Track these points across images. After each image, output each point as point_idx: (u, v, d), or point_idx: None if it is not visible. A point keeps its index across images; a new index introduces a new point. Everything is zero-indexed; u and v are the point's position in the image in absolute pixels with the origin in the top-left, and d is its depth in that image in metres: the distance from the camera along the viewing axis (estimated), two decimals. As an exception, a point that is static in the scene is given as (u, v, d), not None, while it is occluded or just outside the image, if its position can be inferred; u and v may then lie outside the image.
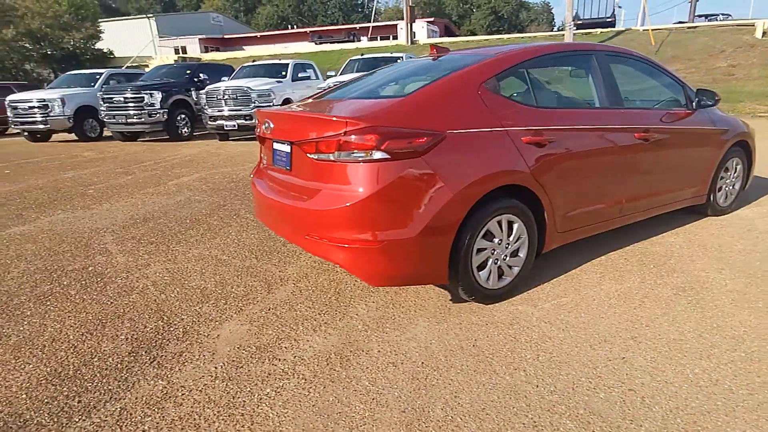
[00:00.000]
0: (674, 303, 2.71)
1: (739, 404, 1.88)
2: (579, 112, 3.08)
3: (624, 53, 3.53)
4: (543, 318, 2.60)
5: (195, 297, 2.98)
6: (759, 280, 2.95)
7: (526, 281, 3.01)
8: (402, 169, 2.30)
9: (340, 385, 2.09)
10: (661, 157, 3.43)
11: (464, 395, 2.00)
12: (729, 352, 2.23)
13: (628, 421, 1.81)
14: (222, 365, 2.26)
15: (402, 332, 2.51)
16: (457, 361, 2.24)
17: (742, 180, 4.27)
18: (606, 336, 2.40)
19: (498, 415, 1.87)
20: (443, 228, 2.41)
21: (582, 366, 2.16)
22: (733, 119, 4.09)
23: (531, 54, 2.90)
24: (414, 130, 2.34)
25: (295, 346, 2.41)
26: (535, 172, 2.69)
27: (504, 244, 2.71)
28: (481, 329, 2.50)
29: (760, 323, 2.46)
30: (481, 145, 2.51)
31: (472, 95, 2.57)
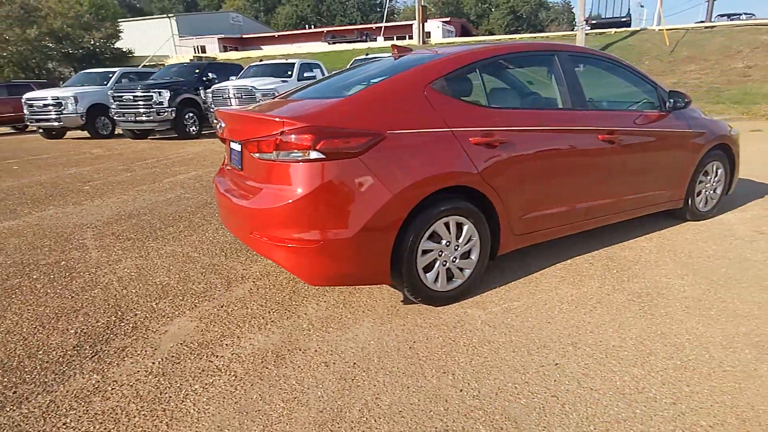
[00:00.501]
0: (625, 309, 2.65)
1: (659, 413, 1.83)
2: (536, 113, 3.04)
3: (592, 54, 3.48)
4: (488, 321, 2.57)
5: (154, 293, 3.02)
6: (719, 287, 2.87)
7: (484, 283, 2.99)
8: (338, 169, 2.30)
9: (267, 384, 2.10)
10: (629, 159, 3.37)
11: (386, 397, 1.99)
12: (665, 359, 2.18)
13: (541, 427, 1.79)
14: (160, 361, 2.29)
15: (344, 332, 2.51)
16: (390, 362, 2.23)
17: (724, 184, 4.15)
18: (547, 341, 2.36)
19: (413, 419, 1.86)
20: (382, 229, 2.40)
21: (513, 371, 2.14)
22: (712, 122, 3.98)
23: (484, 54, 2.87)
24: (351, 130, 2.33)
25: (236, 343, 2.43)
26: (484, 174, 2.66)
27: (453, 246, 2.69)
28: (423, 331, 2.49)
29: (706, 331, 2.40)
30: (424, 145, 2.50)
31: (416, 96, 2.56)
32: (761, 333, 2.37)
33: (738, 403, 1.88)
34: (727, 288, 2.86)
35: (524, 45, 3.15)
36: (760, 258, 3.29)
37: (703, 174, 3.96)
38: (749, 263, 3.21)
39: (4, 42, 20.38)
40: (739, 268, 3.14)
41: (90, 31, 22.81)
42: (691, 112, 3.85)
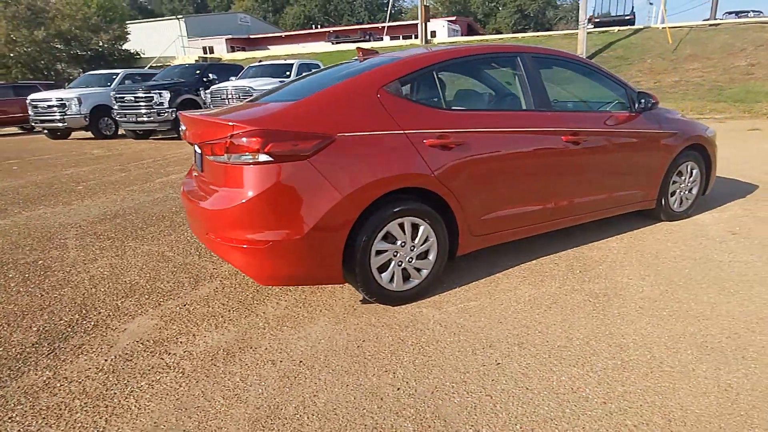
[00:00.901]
0: (580, 309, 2.66)
1: (587, 413, 1.85)
2: (494, 114, 3.05)
3: (558, 56, 3.47)
4: (441, 321, 2.59)
5: (122, 292, 3.08)
6: (678, 288, 2.87)
7: (445, 283, 3.01)
8: (287, 172, 2.34)
9: (212, 381, 2.14)
10: (596, 160, 3.36)
11: (324, 395, 2.02)
12: (606, 359, 2.19)
13: (468, 426, 1.81)
14: (113, 358, 2.34)
15: (297, 331, 2.54)
16: (335, 361, 2.26)
17: (699, 185, 4.12)
18: (494, 341, 2.38)
19: (345, 416, 1.89)
20: (332, 230, 2.43)
21: (453, 371, 2.16)
22: (686, 123, 3.96)
23: (441, 57, 2.88)
24: (300, 132, 2.37)
25: (190, 341, 2.48)
26: (440, 176, 2.68)
27: (408, 247, 2.71)
28: (375, 330, 2.52)
29: (653, 332, 2.40)
30: (376, 147, 2.52)
31: (369, 98, 2.58)
32: (708, 334, 2.36)
33: (668, 403, 1.89)
34: (685, 289, 2.86)
35: (485, 47, 3.16)
36: (726, 259, 3.27)
37: (677, 174, 3.94)
38: (714, 264, 3.20)
39: (12, 43, 20.71)
40: (703, 268, 3.13)
41: (98, 33, 23.10)
42: (665, 112, 3.84)
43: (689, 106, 13.05)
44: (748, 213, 4.24)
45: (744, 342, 2.28)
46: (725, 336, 2.34)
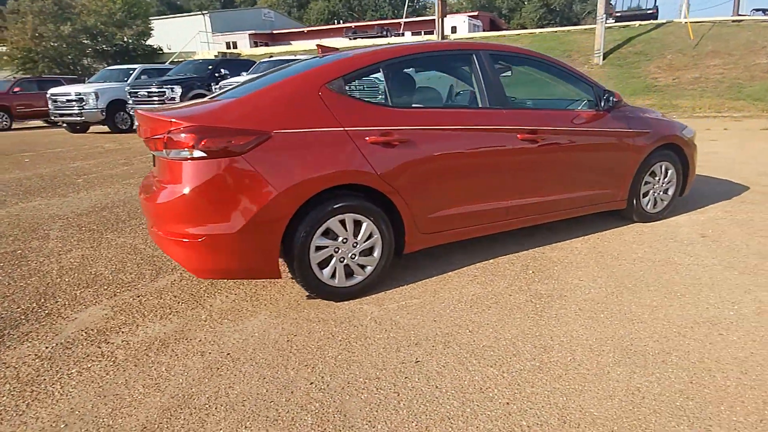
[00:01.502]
0: (518, 310, 2.64)
1: (487, 413, 1.85)
2: (444, 112, 3.04)
3: (519, 53, 3.43)
4: (377, 318, 2.61)
5: (84, 282, 3.19)
6: (625, 290, 2.82)
7: (395, 280, 3.04)
8: (221, 167, 2.38)
9: (138, 370, 2.21)
10: (557, 159, 3.32)
11: (239, 387, 2.07)
12: (526, 360, 2.18)
13: (366, 422, 1.83)
14: (54, 346, 2.44)
15: (236, 324, 2.60)
16: (262, 354, 2.31)
17: (676, 186, 4.02)
18: (421, 339, 2.39)
19: (252, 407, 1.93)
20: (268, 225, 2.47)
21: (371, 367, 2.18)
22: (660, 121, 3.87)
23: (389, 55, 2.89)
24: (235, 129, 2.41)
25: (132, 331, 2.56)
26: (383, 173, 2.69)
27: (351, 243, 2.74)
28: (310, 325, 2.56)
29: (583, 334, 2.37)
30: (314, 145, 2.55)
31: (310, 96, 2.61)
32: (637, 337, 2.33)
33: (570, 405, 1.87)
34: (632, 291, 2.81)
35: (437, 44, 3.15)
36: (686, 262, 3.19)
37: (649, 175, 3.85)
38: (672, 267, 3.13)
39: (38, 38, 21.39)
40: (659, 271, 3.07)
41: (122, 29, 23.69)
42: (636, 111, 3.76)
43: (707, 104, 12.66)
44: (727, 215, 4.12)
45: (670, 346, 2.24)
46: (653, 340, 2.30)
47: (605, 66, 16.11)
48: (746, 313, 2.51)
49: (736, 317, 2.48)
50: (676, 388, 1.95)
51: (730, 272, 3.01)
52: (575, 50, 17.41)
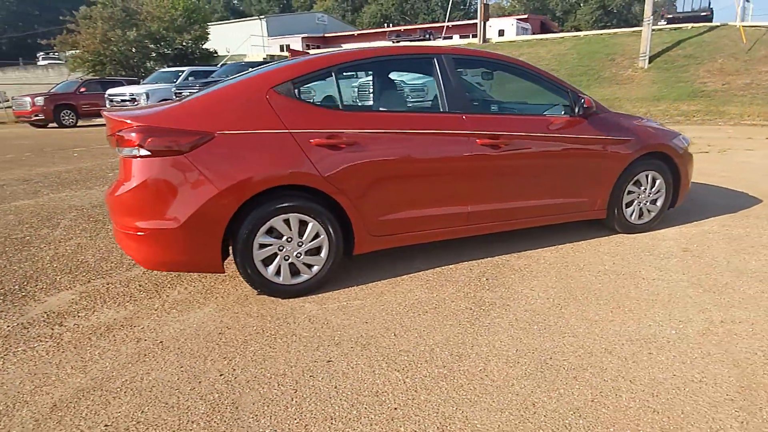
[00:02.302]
0: (454, 317, 2.59)
1: (371, 416, 1.83)
2: (395, 116, 3.01)
3: (485, 58, 3.34)
4: (313, 316, 2.63)
5: (68, 268, 3.40)
6: (574, 303, 2.69)
7: (347, 280, 3.05)
8: (165, 165, 2.48)
9: (75, 352, 2.34)
10: (523, 165, 3.22)
11: (155, 373, 2.15)
12: (435, 368, 2.13)
13: (252, 416, 1.86)
14: (15, 325, 2.62)
15: (182, 314, 2.70)
16: (190, 345, 2.38)
17: (665, 197, 3.78)
18: (344, 340, 2.39)
19: (156, 393, 2.00)
20: (209, 221, 2.55)
21: (284, 364, 2.20)
22: (645, 129, 3.65)
23: (342, 59, 2.90)
24: (179, 129, 2.50)
25: (87, 316, 2.71)
26: (328, 175, 2.71)
27: (296, 243, 2.77)
28: (246, 320, 2.61)
29: (506, 344, 2.29)
30: (258, 146, 2.60)
31: (257, 98, 2.67)
32: (560, 351, 2.22)
33: (457, 415, 1.82)
34: (580, 304, 2.68)
35: (396, 49, 3.12)
36: (653, 276, 3.01)
37: (633, 184, 3.65)
38: (635, 280, 2.95)
39: (107, 41, 22.82)
40: (618, 285, 2.91)
41: (182, 34, 24.89)
42: (619, 118, 3.57)
43: (756, 111, 11.77)
44: (723, 229, 3.83)
45: (590, 362, 2.12)
46: (576, 355, 2.18)
47: (650, 69, 15.30)
48: (689, 333, 2.34)
49: (676, 336, 2.31)
50: (573, 405, 1.85)
51: (694, 289, 2.80)
52: (620, 53, 16.64)
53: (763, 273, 2.99)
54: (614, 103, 13.08)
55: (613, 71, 15.74)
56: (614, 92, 14.02)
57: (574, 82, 15.71)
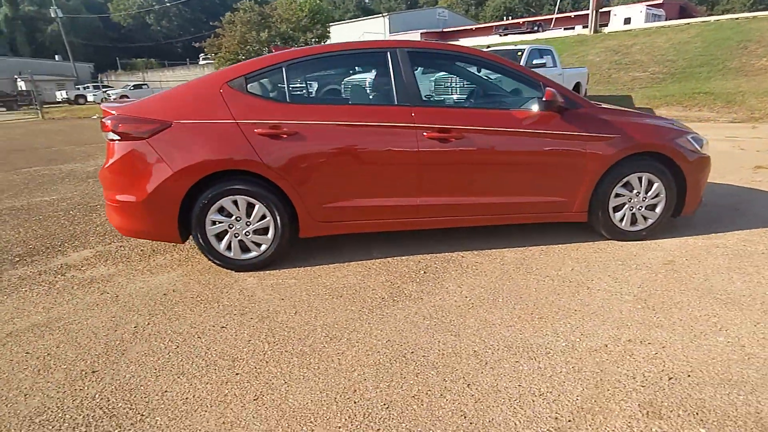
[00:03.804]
0: (361, 303, 2.62)
1: (216, 376, 1.99)
2: (339, 108, 3.05)
3: (442, 51, 3.21)
4: (245, 289, 2.84)
5: (104, 232, 4.02)
6: (488, 305, 2.55)
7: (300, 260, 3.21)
8: (130, 148, 2.86)
9: (51, 296, 2.83)
10: (480, 160, 3.07)
11: (89, 321, 2.53)
12: (302, 346, 2.21)
13: (128, 361, 2.13)
14: (35, 272, 3.23)
15: (151, 276, 3.09)
16: (134, 301, 2.75)
17: (666, 202, 3.30)
18: (251, 312, 2.57)
19: (75, 336, 2.38)
20: (165, 198, 2.88)
21: (187, 326, 2.45)
22: (638, 126, 3.19)
23: (293, 55, 3.01)
24: (143, 118, 2.86)
25: (85, 270, 3.24)
26: (270, 162, 2.88)
27: (244, 222, 3.00)
28: (196, 287, 2.90)
29: (382, 334, 2.28)
30: (207, 134, 2.87)
31: (212, 92, 2.92)
32: (427, 348, 2.16)
33: (280, 389, 1.90)
34: (493, 306, 2.53)
35: (351, 44, 3.13)
36: (601, 287, 2.70)
37: (622, 186, 3.25)
38: (576, 290, 2.68)
39: (244, 42, 25.30)
40: (554, 292, 2.67)
41: (305, 33, 26.65)
42: (605, 112, 3.20)
43: None
44: (738, 245, 3.24)
45: (446, 362, 2.04)
46: (439, 354, 2.11)
47: (793, 59, 12.80)
48: (580, 348, 2.10)
49: (563, 349, 2.10)
50: (390, 398, 1.82)
51: (633, 305, 2.47)
52: (755, 40, 14.13)
53: (736, 297, 2.52)
54: (736, 97, 11.25)
55: (743, 61, 13.45)
56: (738, 85, 12.00)
57: (691, 73, 13.78)
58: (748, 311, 2.36)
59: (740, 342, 2.10)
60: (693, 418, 1.65)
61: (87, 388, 1.96)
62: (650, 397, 1.77)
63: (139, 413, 1.80)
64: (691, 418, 1.65)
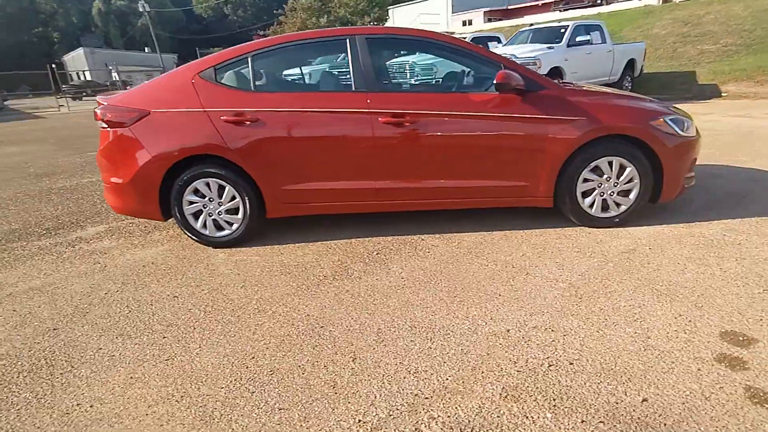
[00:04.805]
0: (302, 280, 2.76)
1: (146, 337, 2.23)
2: (299, 95, 3.15)
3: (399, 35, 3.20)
4: (211, 264, 3.08)
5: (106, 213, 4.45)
6: (418, 286, 2.59)
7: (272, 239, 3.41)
8: (116, 134, 3.17)
9: (56, 265, 3.23)
10: (435, 144, 3.07)
11: (73, 287, 2.88)
12: (217, 316, 2.40)
13: (85, 324, 2.43)
14: (53, 243, 3.68)
15: (141, 249, 3.42)
16: (117, 271, 3.08)
17: (640, 188, 3.11)
18: (205, 284, 2.79)
19: (55, 299, 2.72)
20: (146, 180, 3.16)
21: (147, 294, 2.72)
22: (604, 107, 3.01)
23: (257, 46, 3.15)
24: (126, 107, 3.15)
25: (92, 243, 3.64)
26: (234, 147, 3.08)
27: (216, 203, 3.23)
28: (174, 260, 3.19)
29: (298, 308, 2.41)
30: (181, 121, 3.10)
31: (185, 82, 3.14)
32: (334, 323, 2.26)
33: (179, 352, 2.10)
34: (421, 287, 2.57)
35: (310, 33, 3.19)
36: (539, 274, 2.64)
37: (590, 171, 3.10)
38: (513, 275, 2.65)
39: (304, 28, 25.93)
40: (490, 277, 2.65)
41: (363, 17, 26.76)
42: (568, 94, 3.06)
43: None
44: (717, 234, 3.00)
45: (340, 337, 2.13)
46: (343, 329, 2.21)
47: None
48: (481, 332, 2.12)
49: (464, 331, 2.12)
50: (268, 369, 1.96)
51: (562, 293, 2.41)
52: None
53: (676, 288, 2.37)
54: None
55: None
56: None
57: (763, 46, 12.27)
58: (678, 303, 2.22)
59: (647, 334, 2.00)
60: (547, 404, 1.64)
61: (44, 342, 2.27)
62: (518, 382, 1.76)
63: (71, 365, 2.07)
64: (545, 404, 1.64)
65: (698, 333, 1.99)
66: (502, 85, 2.91)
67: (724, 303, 2.21)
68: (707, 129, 6.87)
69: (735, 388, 1.66)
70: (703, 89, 11.65)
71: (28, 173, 6.52)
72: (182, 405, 1.77)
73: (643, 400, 1.63)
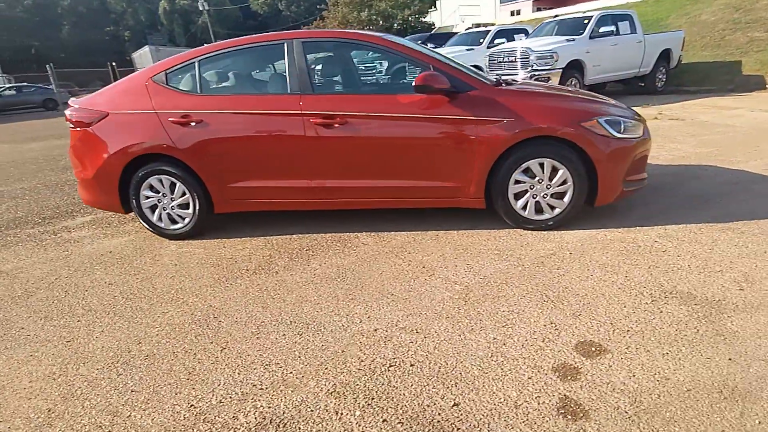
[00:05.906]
0: (223, 272, 2.91)
1: (32, 353, 2.47)
2: (238, 98, 3.27)
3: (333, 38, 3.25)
4: (159, 255, 3.31)
5: (115, 200, 4.82)
6: (327, 286, 2.67)
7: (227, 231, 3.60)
8: (80, 134, 3.45)
9: (32, 252, 3.58)
10: (365, 145, 3.12)
11: (35, 272, 3.20)
12: (128, 306, 2.60)
13: (30, 302, 2.72)
14: (41, 231, 4.06)
15: (105, 240, 3.72)
16: (77, 258, 3.37)
17: (574, 191, 3.01)
18: (142, 273, 3.02)
19: (16, 283, 3.04)
20: (107, 175, 3.42)
21: (89, 280, 2.98)
22: (538, 108, 2.93)
23: (203, 51, 3.31)
24: (88, 109, 3.42)
25: (72, 232, 3.99)
26: (180, 146, 3.27)
27: (169, 198, 3.46)
28: (124, 250, 3.46)
29: (216, 306, 2.56)
30: (134, 122, 3.33)
31: (139, 86, 3.37)
32: (238, 320, 2.39)
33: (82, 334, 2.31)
34: (325, 288, 2.65)
35: (254, 38, 3.30)
36: (442, 276, 2.65)
37: (522, 172, 3.04)
38: (419, 278, 2.67)
39: (346, 23, 26.11)
40: (396, 279, 2.69)
41: (404, 10, 26.58)
42: (499, 94, 3.01)
43: None
44: (651, 240, 2.86)
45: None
46: (234, 318, 2.33)
47: None
48: (350, 330, 2.18)
49: (334, 329, 2.20)
50: (144, 353, 2.12)
51: (452, 295, 2.42)
52: None
53: (564, 294, 2.31)
54: None
55: None
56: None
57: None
58: (558, 311, 2.18)
59: (506, 341, 1.99)
60: (363, 402, 1.69)
61: (-16, 320, 2.56)
62: (351, 380, 1.82)
63: (-6, 342, 2.34)
64: (360, 402, 1.70)
65: (556, 342, 1.96)
66: (422, 87, 2.91)
67: (603, 312, 2.14)
68: (724, 125, 6.41)
69: (551, 398, 1.64)
70: (746, 81, 10.76)
71: (57, 166, 7.11)
72: (56, 383, 1.97)
73: (454, 404, 1.65)
